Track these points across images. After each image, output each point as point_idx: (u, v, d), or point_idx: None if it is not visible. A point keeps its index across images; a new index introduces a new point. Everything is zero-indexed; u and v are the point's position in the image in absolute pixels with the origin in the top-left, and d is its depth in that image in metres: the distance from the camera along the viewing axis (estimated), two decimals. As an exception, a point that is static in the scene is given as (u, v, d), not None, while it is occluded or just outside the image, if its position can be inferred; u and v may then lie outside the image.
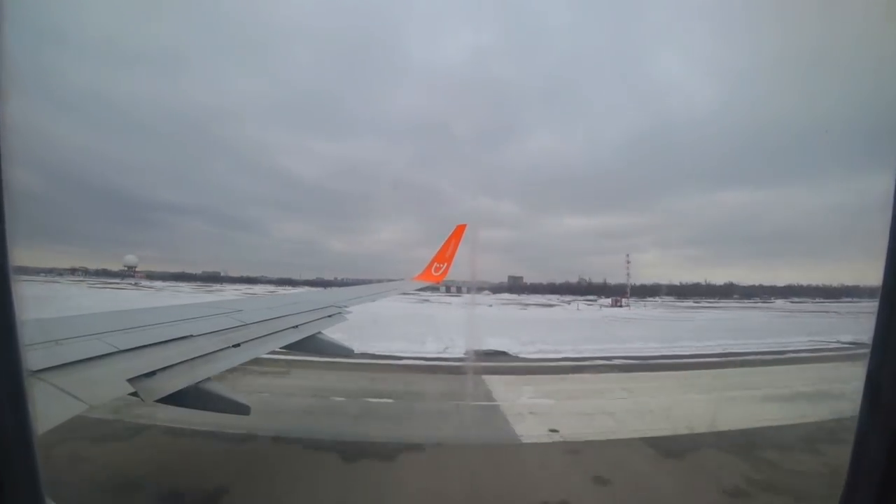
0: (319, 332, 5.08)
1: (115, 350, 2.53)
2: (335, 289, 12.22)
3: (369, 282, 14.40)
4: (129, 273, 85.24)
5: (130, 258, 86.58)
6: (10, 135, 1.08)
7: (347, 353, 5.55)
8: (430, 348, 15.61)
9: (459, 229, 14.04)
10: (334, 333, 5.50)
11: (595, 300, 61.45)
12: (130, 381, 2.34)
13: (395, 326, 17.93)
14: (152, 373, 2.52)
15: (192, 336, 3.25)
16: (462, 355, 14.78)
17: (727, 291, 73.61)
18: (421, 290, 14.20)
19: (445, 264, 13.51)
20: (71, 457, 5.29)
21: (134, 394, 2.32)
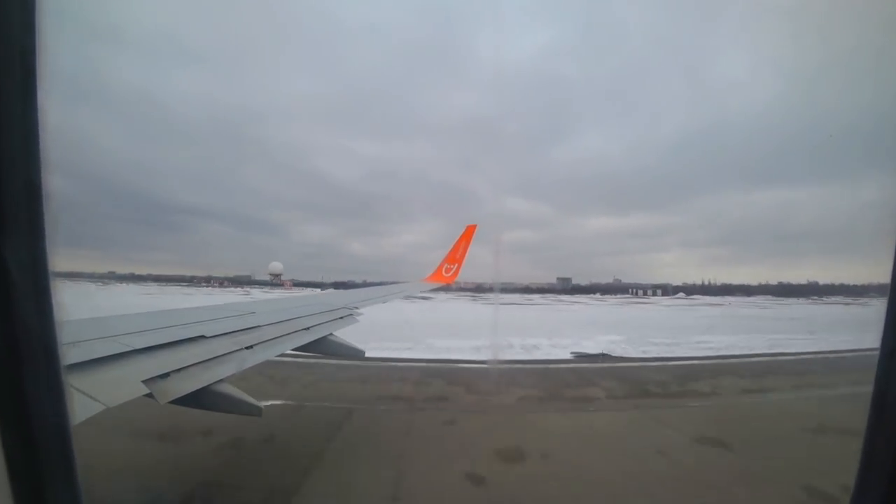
0: (331, 334, 5.11)
1: (131, 352, 2.57)
2: (345, 290, 12.30)
3: (390, 283, 14.42)
4: (275, 281, 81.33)
5: (276, 265, 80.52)
6: (53, 139, 1.12)
7: (359, 354, 5.55)
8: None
9: (470, 230, 14.01)
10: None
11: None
12: (145, 382, 2.38)
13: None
14: (166, 374, 2.56)
15: (205, 338, 3.29)
16: None
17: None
18: (433, 290, 14.16)
19: (456, 265, 13.49)
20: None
21: (149, 395, 2.36)
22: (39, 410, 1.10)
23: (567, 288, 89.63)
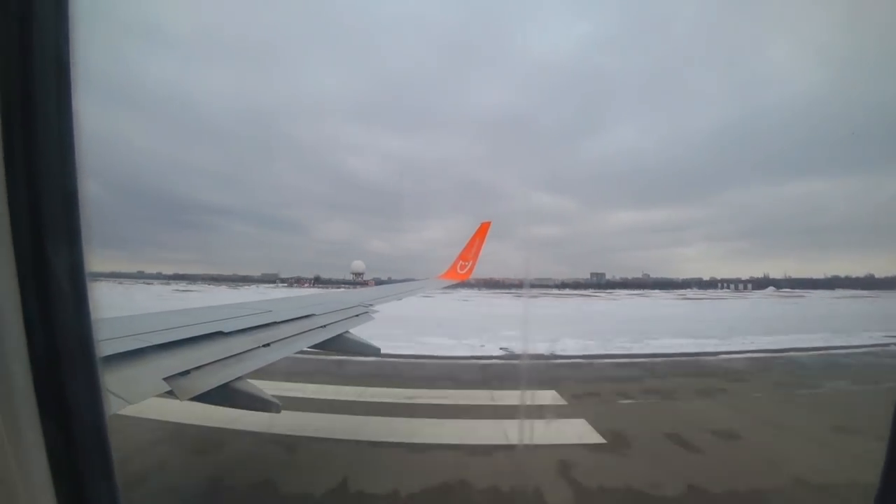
0: (347, 332, 5.15)
1: (151, 350, 2.63)
2: (362, 289, 12.40)
3: (408, 281, 14.51)
4: (358, 280, 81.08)
5: (358, 264, 79.49)
6: (86, 138, 1.16)
7: (374, 352, 5.58)
8: None
9: (484, 227, 13.96)
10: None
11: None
12: (166, 379, 2.43)
13: None
14: (186, 372, 2.61)
15: (223, 336, 3.34)
16: None
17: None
18: (448, 287, 14.18)
19: (471, 262, 13.47)
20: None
21: (169, 392, 2.40)
22: (78, 406, 1.15)
23: (602, 283, 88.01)
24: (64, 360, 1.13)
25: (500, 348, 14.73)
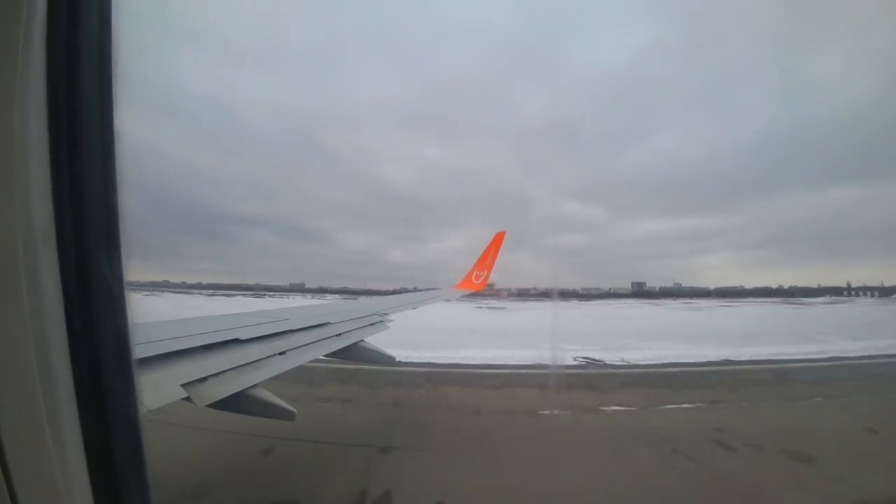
0: (362, 340, 5.14)
1: (169, 356, 2.66)
2: (376, 297, 12.45)
3: (430, 290, 14.50)
4: (491, 291, 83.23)
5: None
6: (125, 145, 1.22)
7: (389, 360, 5.55)
8: None
9: (499, 237, 13.92)
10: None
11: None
12: (183, 386, 2.45)
13: None
14: (204, 378, 2.62)
15: (240, 344, 3.37)
16: None
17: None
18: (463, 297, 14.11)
19: (486, 272, 13.42)
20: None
21: (187, 398, 2.42)
22: (115, 406, 1.22)
23: (642, 293, 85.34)
24: (103, 362, 1.19)
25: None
